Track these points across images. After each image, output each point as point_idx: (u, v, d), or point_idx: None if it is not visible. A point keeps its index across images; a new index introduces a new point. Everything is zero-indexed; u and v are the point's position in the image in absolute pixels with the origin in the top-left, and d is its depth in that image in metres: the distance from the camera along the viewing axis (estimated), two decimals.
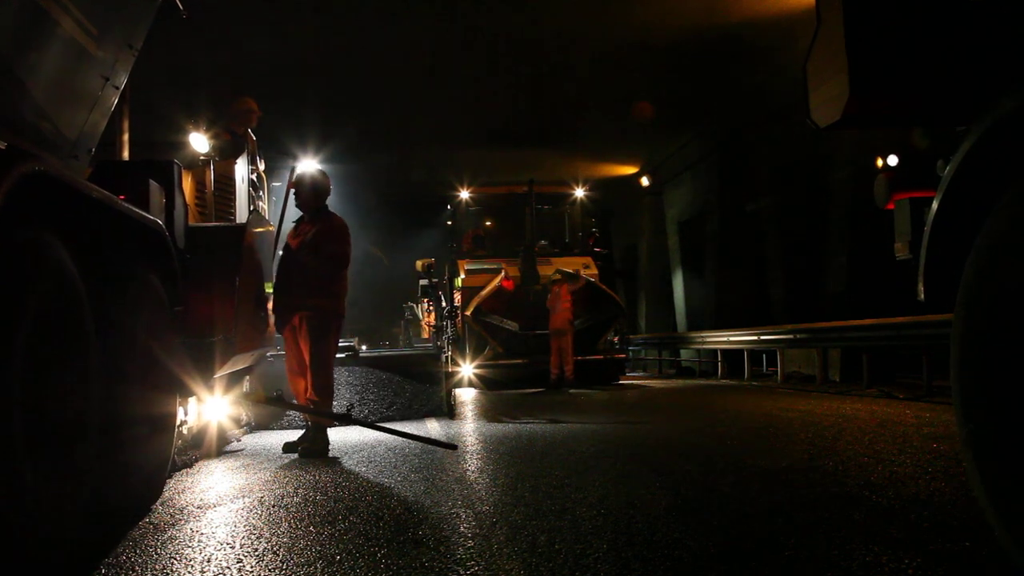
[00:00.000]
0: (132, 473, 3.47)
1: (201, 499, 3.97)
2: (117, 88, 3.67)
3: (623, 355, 14.28)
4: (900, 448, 4.83)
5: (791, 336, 11.80)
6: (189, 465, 5.07)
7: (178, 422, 4.79)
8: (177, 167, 4.44)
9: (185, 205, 4.58)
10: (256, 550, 2.88)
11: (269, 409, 6.94)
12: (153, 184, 3.92)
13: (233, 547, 2.95)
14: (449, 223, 15.99)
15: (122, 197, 3.19)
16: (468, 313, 12.82)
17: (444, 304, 12.87)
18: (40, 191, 2.34)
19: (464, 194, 15.66)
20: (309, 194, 5.81)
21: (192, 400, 5.11)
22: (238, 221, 6.03)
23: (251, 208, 6.56)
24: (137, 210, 3.34)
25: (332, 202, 6.10)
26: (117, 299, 3.22)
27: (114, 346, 3.09)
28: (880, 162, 2.82)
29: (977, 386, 2.03)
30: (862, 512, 3.15)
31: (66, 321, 2.64)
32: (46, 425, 2.49)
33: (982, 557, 2.49)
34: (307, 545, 2.92)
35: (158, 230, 3.66)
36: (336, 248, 5.66)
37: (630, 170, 20.01)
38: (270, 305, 5.82)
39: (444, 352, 9.12)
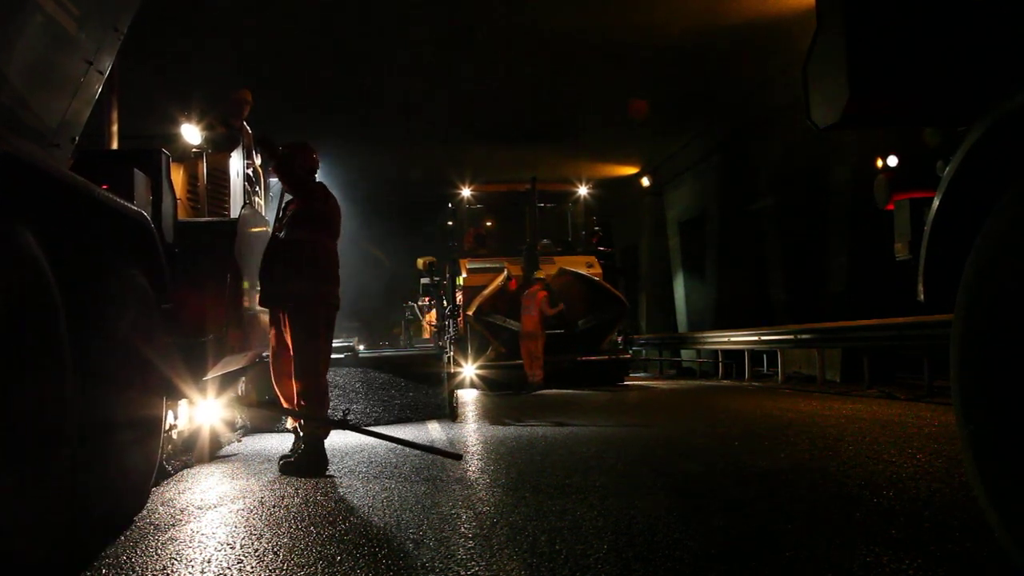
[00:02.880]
0: (114, 482, 3.21)
1: (201, 499, 3.97)
2: (102, 73, 3.44)
3: (627, 355, 14.09)
4: (901, 449, 4.83)
5: (792, 336, 11.79)
6: (189, 466, 5.04)
7: (168, 426, 4.61)
8: (165, 156, 4.19)
9: (174, 197, 4.32)
10: (256, 551, 2.89)
11: (265, 412, 6.74)
12: (138, 174, 3.71)
13: (233, 548, 2.95)
14: (450, 223, 15.95)
15: (104, 187, 2.99)
16: (470, 313, 12.76)
17: (446, 303, 12.79)
18: (6, 176, 2.17)
19: (465, 192, 15.57)
20: (282, 171, 5.06)
21: (183, 403, 4.91)
22: (232, 216, 5.78)
23: (245, 202, 6.29)
24: (119, 200, 3.11)
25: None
26: (96, 295, 2.96)
27: (92, 346, 2.85)
28: (880, 162, 2.82)
29: (977, 387, 2.03)
30: (863, 512, 3.15)
31: (35, 318, 2.39)
32: (9, 432, 2.24)
33: (983, 558, 2.49)
34: (308, 545, 2.92)
35: (142, 222, 3.40)
36: (312, 219, 4.90)
37: (630, 170, 20.01)
38: None
39: (446, 352, 9.07)
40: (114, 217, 3.10)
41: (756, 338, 12.85)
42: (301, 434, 4.91)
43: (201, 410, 5.30)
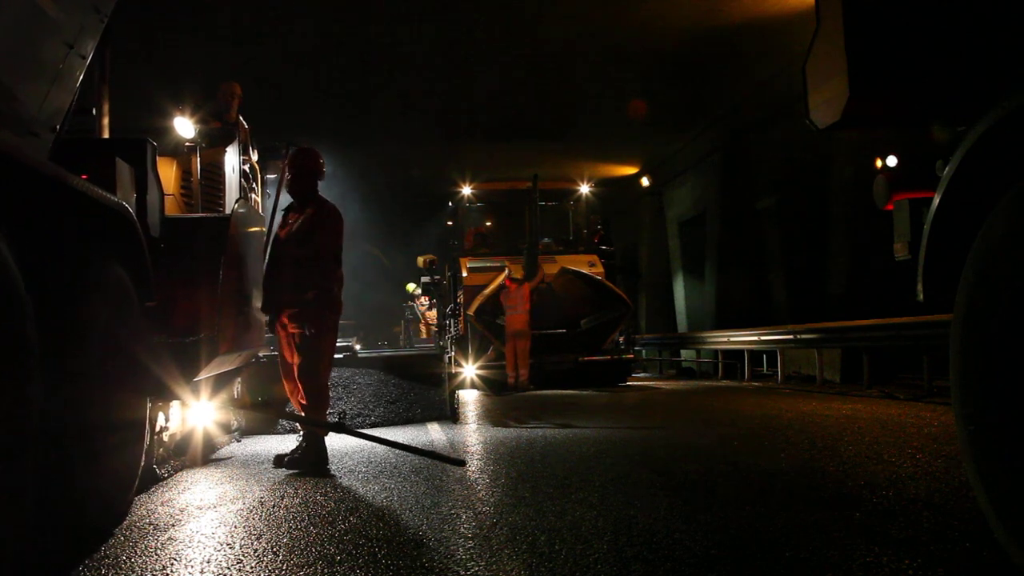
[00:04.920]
0: (90, 489, 2.94)
1: (200, 500, 3.97)
2: (84, 58, 3.23)
3: (630, 356, 13.90)
4: (900, 448, 4.83)
5: (792, 336, 11.77)
6: (181, 469, 4.95)
7: (158, 428, 4.54)
8: (151, 146, 3.96)
9: (160, 189, 4.07)
10: (256, 550, 2.88)
11: (262, 414, 6.60)
12: (121, 163, 3.49)
13: (233, 547, 2.95)
14: (449, 223, 15.88)
15: (84, 176, 2.77)
16: (471, 312, 12.68)
17: (445, 303, 12.70)
18: None
19: (466, 190, 15.50)
20: (295, 176, 5.21)
21: (176, 404, 4.83)
22: (227, 212, 5.61)
23: (239, 198, 6.10)
24: (97, 190, 2.87)
25: (332, 197, 5.47)
26: (70, 291, 2.75)
27: (64, 344, 2.63)
28: (879, 163, 2.82)
29: (977, 387, 2.03)
30: (862, 512, 3.14)
31: None
32: None
33: (983, 558, 2.48)
34: (307, 545, 2.92)
35: (124, 214, 3.15)
36: (324, 239, 5.00)
37: (630, 170, 20.01)
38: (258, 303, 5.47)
39: (447, 352, 9.02)
40: (91, 208, 2.87)
41: (756, 338, 12.82)
42: (302, 433, 5.00)
43: (194, 412, 5.17)
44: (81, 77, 3.30)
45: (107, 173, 3.37)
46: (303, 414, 5.07)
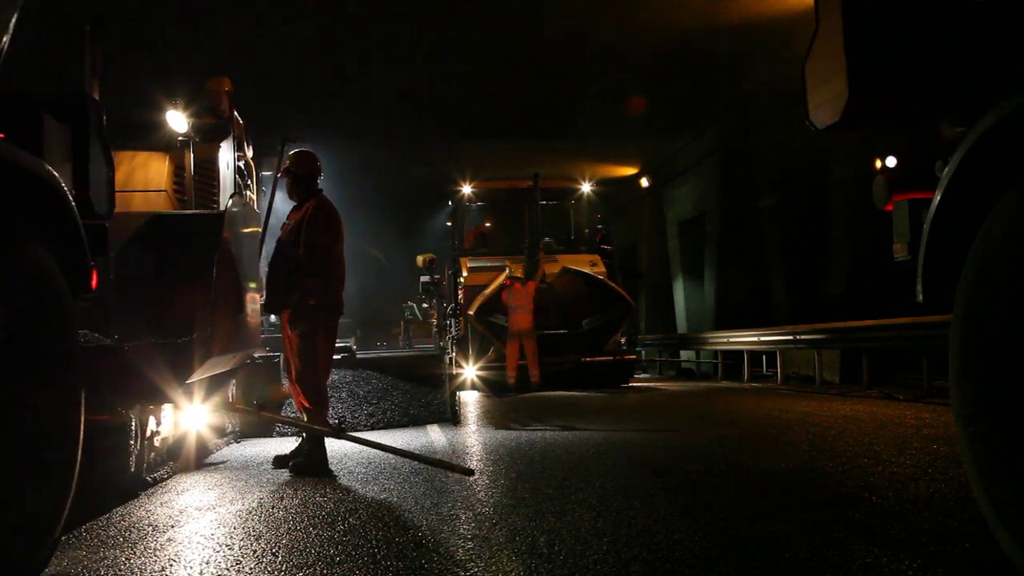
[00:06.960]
0: None
1: (200, 501, 3.96)
2: None
3: (632, 356, 13.84)
4: (900, 449, 4.83)
5: (792, 337, 11.76)
6: (173, 474, 4.86)
7: (150, 432, 4.48)
8: (92, 103, 3.21)
9: (109, 157, 3.29)
10: (255, 551, 2.88)
11: (257, 417, 6.61)
12: (50, 121, 2.81)
13: (232, 549, 2.95)
14: (449, 223, 15.84)
15: (1, 135, 2.25)
16: (471, 312, 12.63)
17: (446, 304, 12.68)
18: None
19: (466, 189, 15.43)
20: (292, 180, 5.17)
21: (168, 407, 4.73)
22: (221, 209, 5.46)
23: (234, 194, 5.94)
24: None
25: (331, 196, 5.34)
26: None
27: None
28: (879, 163, 2.82)
29: (977, 388, 2.02)
30: (862, 513, 3.14)
31: None
32: None
33: (982, 558, 2.48)
34: (306, 547, 2.92)
35: (44, 178, 2.43)
36: (309, 236, 4.90)
37: (630, 170, 20.00)
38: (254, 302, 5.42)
39: (448, 353, 8.99)
40: None
41: (756, 339, 12.80)
42: (304, 435, 5.01)
43: (187, 415, 5.08)
44: (13, 19, 2.75)
45: (30, 131, 2.67)
46: (304, 416, 5.04)
